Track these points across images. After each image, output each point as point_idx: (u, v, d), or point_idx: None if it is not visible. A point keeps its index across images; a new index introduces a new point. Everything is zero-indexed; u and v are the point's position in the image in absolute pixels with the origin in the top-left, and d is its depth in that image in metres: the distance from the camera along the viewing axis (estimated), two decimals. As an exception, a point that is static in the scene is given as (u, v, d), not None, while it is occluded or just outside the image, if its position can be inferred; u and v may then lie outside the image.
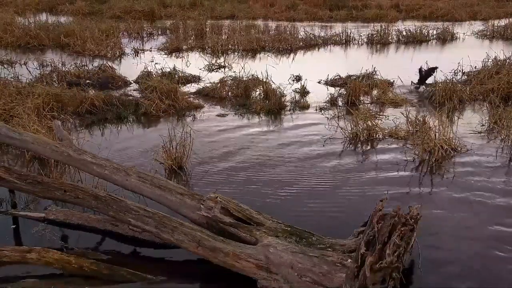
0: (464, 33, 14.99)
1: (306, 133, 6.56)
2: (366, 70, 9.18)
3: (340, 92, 8.31)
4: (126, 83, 8.98)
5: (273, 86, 8.42)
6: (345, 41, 13.81)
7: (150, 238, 3.76)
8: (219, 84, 8.62)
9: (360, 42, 13.79)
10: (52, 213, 4.04)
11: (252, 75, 8.83)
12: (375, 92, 8.44)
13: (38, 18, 16.65)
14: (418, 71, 8.99)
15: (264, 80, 8.66)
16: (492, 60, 9.39)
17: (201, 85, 8.98)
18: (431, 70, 9.05)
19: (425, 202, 4.48)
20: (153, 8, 17.82)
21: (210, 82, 8.92)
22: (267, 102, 7.84)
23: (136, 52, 12.11)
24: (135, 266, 3.46)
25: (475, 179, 5.05)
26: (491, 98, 7.38)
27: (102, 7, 18.76)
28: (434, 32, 14.58)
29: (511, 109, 6.81)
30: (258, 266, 3.20)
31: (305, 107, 7.77)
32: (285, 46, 12.79)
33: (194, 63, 10.71)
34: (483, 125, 6.74)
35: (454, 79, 8.81)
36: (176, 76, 9.14)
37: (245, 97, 8.25)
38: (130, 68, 9.91)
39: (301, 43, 13.29)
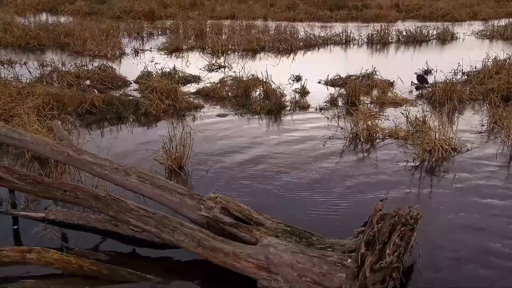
0: (464, 33, 15.00)
1: (306, 133, 6.56)
2: (366, 70, 9.19)
3: (340, 92, 8.31)
4: (126, 83, 8.98)
5: (273, 86, 8.42)
6: (345, 41, 13.81)
7: (150, 238, 3.76)
8: (219, 84, 8.63)
9: (360, 42, 13.79)
10: (52, 213, 4.05)
11: (252, 75, 8.83)
12: (375, 92, 8.44)
13: (38, 18, 16.66)
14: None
15: (264, 80, 8.66)
16: (492, 60, 9.39)
17: (201, 85, 8.98)
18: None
19: (425, 202, 4.48)
20: (153, 8, 17.84)
21: (210, 82, 8.92)
22: (267, 102, 7.85)
23: (136, 52, 12.11)
24: (135, 266, 3.46)
25: (475, 179, 5.05)
26: (491, 98, 7.37)
27: (102, 7, 18.78)
28: (434, 32, 14.58)
29: (511, 109, 6.81)
30: (258, 266, 3.20)
31: (305, 107, 7.77)
32: (285, 46, 12.80)
33: (194, 63, 10.72)
34: (483, 125, 6.74)
35: (454, 79, 8.81)
36: (176, 76, 9.14)
37: (245, 97, 8.25)
38: (130, 68, 9.91)
39: (301, 43, 13.29)
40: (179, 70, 9.45)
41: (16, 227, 4.06)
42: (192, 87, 8.90)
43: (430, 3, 19.99)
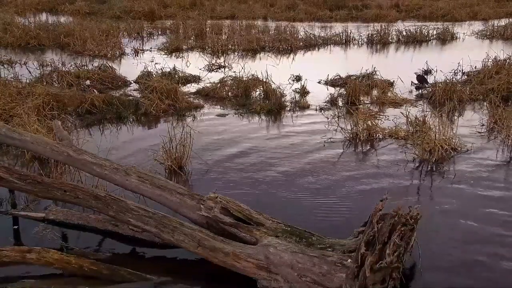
0: (464, 33, 15.00)
1: (306, 133, 6.56)
2: (366, 70, 9.19)
3: (340, 92, 8.31)
4: (126, 83, 8.98)
5: (273, 86, 8.42)
6: (345, 41, 13.81)
7: (150, 238, 3.76)
8: (219, 84, 8.63)
9: (360, 42, 13.79)
10: (52, 213, 4.04)
11: (252, 75, 8.83)
12: (375, 92, 8.44)
13: (38, 18, 16.66)
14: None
15: (264, 80, 8.66)
16: (492, 60, 9.39)
17: (201, 85, 8.98)
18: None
19: (425, 202, 4.49)
20: (153, 8, 17.84)
21: (210, 82, 8.92)
22: (267, 102, 7.85)
23: (136, 52, 12.12)
24: (135, 266, 3.46)
25: (475, 179, 5.04)
26: (491, 98, 7.37)
27: (102, 7, 18.78)
28: (434, 32, 14.58)
29: (511, 109, 6.81)
30: (258, 266, 3.20)
31: (305, 107, 7.77)
32: (285, 46, 12.80)
33: (194, 63, 10.72)
34: (483, 125, 6.74)
35: (454, 79, 8.81)
36: (176, 76, 9.14)
37: (245, 97, 8.25)
38: (130, 68, 9.91)
39: (301, 43, 13.29)
40: (179, 70, 9.45)
41: (16, 227, 4.06)
42: (192, 87, 8.90)
43: (430, 3, 20.00)
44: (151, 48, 12.60)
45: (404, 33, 14.26)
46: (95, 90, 7.98)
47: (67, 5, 19.19)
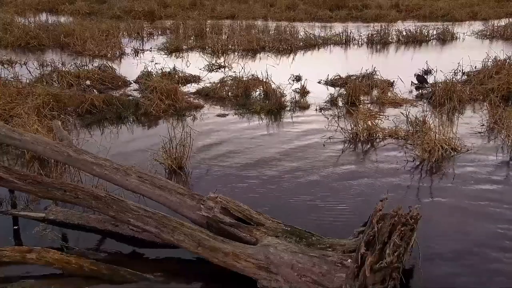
0: (464, 33, 15.00)
1: (306, 133, 6.56)
2: (366, 70, 9.18)
3: (340, 92, 8.31)
4: (126, 83, 8.98)
5: (273, 86, 8.42)
6: (345, 41, 13.81)
7: (150, 238, 3.76)
8: (219, 84, 8.63)
9: (360, 42, 13.79)
10: (52, 213, 4.04)
11: (252, 75, 8.83)
12: (375, 92, 8.44)
13: (38, 18, 16.66)
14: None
15: (264, 80, 8.66)
16: (492, 60, 9.39)
17: (201, 85, 8.99)
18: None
19: (425, 202, 4.48)
20: (153, 8, 17.84)
21: (210, 82, 8.93)
22: (267, 102, 7.85)
23: (136, 52, 12.12)
24: (135, 266, 3.46)
25: (475, 179, 5.05)
26: (491, 98, 7.37)
27: (102, 7, 18.78)
28: (434, 32, 14.58)
29: (511, 109, 6.81)
30: (258, 266, 3.20)
31: (305, 107, 7.77)
32: (285, 46, 12.79)
33: (194, 63, 10.72)
34: (483, 125, 6.74)
35: (454, 79, 8.81)
36: (176, 76, 9.14)
37: (245, 97, 8.25)
38: (130, 68, 9.91)
39: (301, 43, 13.29)
40: (179, 70, 9.44)
41: (16, 227, 4.06)
42: (192, 87, 8.90)
43: (430, 3, 20.00)
44: (151, 48, 12.60)
45: (404, 33, 14.26)
46: (95, 90, 7.97)
47: (67, 5, 19.19)
